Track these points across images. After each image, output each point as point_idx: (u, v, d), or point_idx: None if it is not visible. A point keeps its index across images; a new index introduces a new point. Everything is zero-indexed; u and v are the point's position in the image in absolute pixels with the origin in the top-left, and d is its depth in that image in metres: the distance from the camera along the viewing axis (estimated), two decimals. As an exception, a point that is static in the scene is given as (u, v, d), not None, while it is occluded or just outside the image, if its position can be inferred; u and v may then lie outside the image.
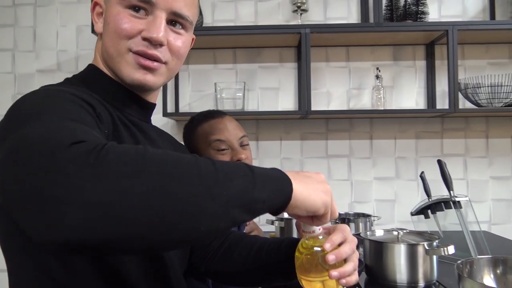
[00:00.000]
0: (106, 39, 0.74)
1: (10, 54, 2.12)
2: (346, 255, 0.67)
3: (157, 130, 0.89)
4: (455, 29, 1.80)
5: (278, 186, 0.55)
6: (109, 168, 0.45)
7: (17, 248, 0.64)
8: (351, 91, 2.08)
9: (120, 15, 0.71)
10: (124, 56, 0.72)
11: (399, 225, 1.99)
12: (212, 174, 0.49)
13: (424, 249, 1.10)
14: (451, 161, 2.01)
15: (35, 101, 0.58)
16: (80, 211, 0.42)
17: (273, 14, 2.10)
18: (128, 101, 0.78)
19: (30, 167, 0.45)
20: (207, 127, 1.21)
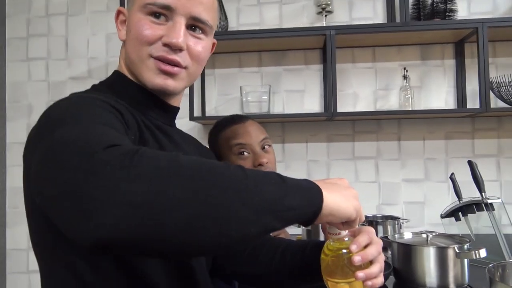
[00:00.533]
0: (129, 45, 0.76)
1: (44, 62, 2.21)
2: (372, 256, 0.67)
3: (181, 133, 0.90)
4: (485, 26, 1.75)
5: (309, 195, 0.55)
6: (142, 170, 0.46)
7: (48, 249, 0.66)
8: (378, 92, 2.05)
9: (141, 22, 0.73)
10: (145, 61, 0.74)
11: (428, 228, 1.95)
12: (243, 181, 0.49)
13: (454, 252, 1.08)
14: (483, 162, 1.96)
15: (68, 106, 0.60)
16: (113, 211, 0.44)
17: (297, 16, 2.10)
18: (152, 105, 0.80)
19: (68, 167, 0.47)
20: (228, 132, 1.23)
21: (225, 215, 0.47)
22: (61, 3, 2.21)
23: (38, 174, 0.51)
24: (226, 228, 0.47)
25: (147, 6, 0.73)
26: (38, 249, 0.69)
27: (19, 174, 2.35)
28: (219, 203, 0.47)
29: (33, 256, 2.12)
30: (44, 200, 0.50)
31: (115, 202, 0.44)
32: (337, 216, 0.59)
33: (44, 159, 0.51)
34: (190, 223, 0.45)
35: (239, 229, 0.48)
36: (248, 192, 0.49)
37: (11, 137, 2.20)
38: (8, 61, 2.22)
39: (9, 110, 2.21)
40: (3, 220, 2.17)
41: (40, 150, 0.53)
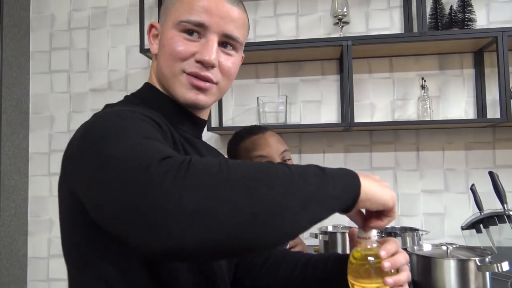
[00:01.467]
0: (161, 60, 0.78)
1: (66, 75, 2.26)
2: (401, 264, 0.68)
3: (206, 145, 0.92)
4: (505, 35, 1.73)
5: (348, 181, 0.58)
6: (199, 179, 0.48)
7: (81, 256, 0.67)
8: (396, 102, 2.04)
9: (174, 38, 0.75)
10: (178, 77, 0.76)
11: (449, 240, 1.92)
12: (289, 175, 0.52)
13: (475, 265, 1.05)
14: (505, 173, 1.92)
15: (110, 122, 0.60)
16: (179, 220, 0.46)
17: (314, 27, 2.11)
18: (182, 118, 0.81)
19: (126, 182, 0.49)
20: (248, 143, 1.24)
21: (279, 211, 0.49)
22: (83, 17, 2.27)
23: (94, 190, 0.53)
24: (281, 223, 0.50)
25: (181, 24, 0.75)
26: (70, 256, 0.70)
27: (41, 184, 2.42)
28: (272, 200, 0.49)
29: (53, 264, 2.17)
30: (104, 215, 0.52)
31: (179, 212, 0.46)
32: (373, 202, 0.61)
33: (98, 175, 0.53)
34: (250, 223, 0.48)
35: (292, 223, 0.51)
36: (296, 186, 0.52)
37: (33, 147, 2.26)
38: (31, 74, 2.29)
39: (32, 121, 2.27)
40: (25, 229, 2.22)
41: (92, 166, 0.55)
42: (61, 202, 0.68)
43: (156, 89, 0.81)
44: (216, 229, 0.47)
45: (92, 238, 0.62)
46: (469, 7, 1.89)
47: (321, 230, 1.69)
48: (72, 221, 0.66)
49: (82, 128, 0.64)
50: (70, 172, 0.63)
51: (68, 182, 0.64)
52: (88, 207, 0.57)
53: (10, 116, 2.15)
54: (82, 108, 2.23)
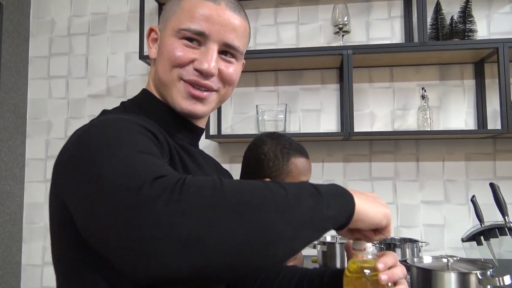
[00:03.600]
0: (159, 66, 0.76)
1: (65, 80, 2.25)
2: (398, 277, 0.66)
3: (203, 154, 0.90)
4: (506, 46, 1.73)
5: (343, 202, 0.58)
6: (193, 203, 0.47)
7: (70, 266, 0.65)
8: (396, 111, 2.03)
9: (174, 44, 0.74)
10: (175, 83, 0.75)
11: (449, 251, 1.89)
12: (284, 198, 0.51)
13: (476, 279, 1.03)
14: (506, 185, 1.90)
15: (104, 132, 0.59)
16: (173, 247, 0.45)
17: (314, 36, 2.11)
18: (178, 126, 0.79)
19: (116, 204, 0.48)
20: (299, 164, 1.23)
21: (273, 238, 0.49)
22: (83, 23, 2.27)
23: (83, 208, 0.52)
24: (274, 251, 0.49)
25: (181, 32, 0.73)
26: (59, 265, 0.68)
27: (37, 190, 2.39)
28: (266, 227, 0.48)
29: (47, 272, 2.14)
30: (95, 238, 0.51)
31: (171, 239, 0.45)
32: (365, 222, 0.60)
33: (88, 192, 0.52)
34: (242, 251, 0.47)
35: (285, 248, 0.50)
36: (291, 211, 0.51)
37: (29, 153, 2.24)
38: (30, 79, 2.28)
39: (29, 127, 2.26)
40: (19, 235, 2.19)
41: (83, 181, 0.53)
42: (52, 210, 0.67)
43: (153, 96, 0.79)
44: (208, 257, 0.46)
45: (83, 250, 0.60)
46: (470, 18, 1.89)
47: (319, 241, 1.67)
48: (62, 231, 0.64)
49: (76, 135, 0.62)
50: (61, 183, 0.61)
51: (59, 193, 0.62)
52: (77, 224, 0.56)
53: (7, 121, 2.14)
54: (80, 114, 2.21)
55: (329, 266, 1.62)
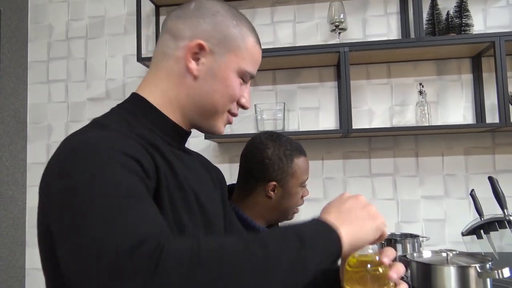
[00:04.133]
0: (212, 92, 0.79)
1: (64, 84, 2.27)
2: (402, 273, 0.68)
3: (197, 158, 0.91)
4: (502, 40, 1.73)
5: (328, 243, 0.60)
6: (170, 278, 0.49)
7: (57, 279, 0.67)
8: (394, 107, 2.03)
9: (236, 82, 0.80)
10: (223, 114, 0.82)
11: (450, 246, 1.90)
12: (264, 261, 0.53)
13: (476, 272, 1.04)
14: (505, 178, 1.90)
15: (88, 166, 0.59)
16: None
17: (311, 34, 2.11)
18: (170, 131, 0.80)
19: (97, 267, 0.50)
20: (301, 163, 1.28)
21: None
22: (81, 27, 2.28)
23: (65, 257, 0.55)
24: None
25: (245, 73, 0.80)
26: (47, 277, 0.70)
27: (39, 194, 2.38)
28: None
29: (51, 275, 2.15)
30: (73, 284, 0.54)
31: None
32: (359, 246, 0.63)
33: (71, 244, 0.54)
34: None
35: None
36: (270, 273, 0.53)
37: (31, 157, 2.25)
38: (29, 84, 2.29)
39: (29, 131, 2.27)
40: (22, 240, 2.20)
41: (66, 228, 0.55)
42: (39, 230, 0.69)
43: (147, 103, 0.78)
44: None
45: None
46: (466, 12, 1.90)
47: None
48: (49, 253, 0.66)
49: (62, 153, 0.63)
50: (46, 208, 0.63)
51: (45, 216, 0.64)
52: (59, 258, 0.58)
53: (8, 126, 2.15)
54: (80, 118, 2.22)
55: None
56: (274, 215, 1.28)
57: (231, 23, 0.79)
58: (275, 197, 1.24)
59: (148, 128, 0.75)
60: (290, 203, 1.27)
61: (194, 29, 0.77)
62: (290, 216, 1.31)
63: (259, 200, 1.24)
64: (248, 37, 0.80)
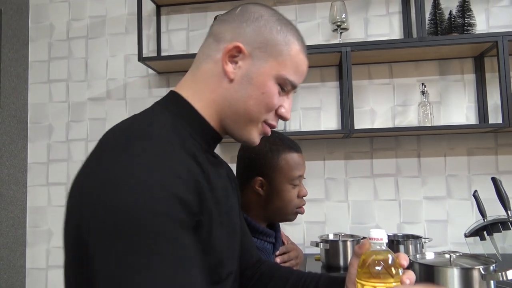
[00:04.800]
0: (247, 98, 0.75)
1: (65, 84, 2.26)
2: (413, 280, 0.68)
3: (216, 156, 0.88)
4: (505, 39, 1.72)
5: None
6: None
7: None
8: (396, 108, 2.02)
9: (274, 90, 0.75)
10: (258, 124, 0.77)
11: (452, 247, 1.89)
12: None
13: (479, 274, 1.03)
14: (508, 179, 1.89)
15: (139, 227, 0.56)
16: None
17: (313, 34, 2.10)
18: (210, 139, 0.78)
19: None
20: (291, 159, 1.22)
21: None
22: (82, 27, 2.27)
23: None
24: None
25: (284, 80, 0.75)
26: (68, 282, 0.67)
27: (40, 194, 2.39)
28: None
29: (52, 275, 2.15)
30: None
31: None
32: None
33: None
34: None
35: None
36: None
37: (32, 157, 2.25)
38: (30, 83, 2.28)
39: (30, 131, 2.26)
40: (23, 239, 2.20)
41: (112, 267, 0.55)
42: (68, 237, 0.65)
43: (193, 109, 0.76)
44: None
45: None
46: (468, 12, 1.88)
47: (322, 239, 1.67)
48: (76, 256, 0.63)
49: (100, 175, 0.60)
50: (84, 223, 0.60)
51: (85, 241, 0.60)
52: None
53: (9, 126, 2.14)
54: (81, 117, 2.22)
55: (332, 264, 1.62)
56: (268, 214, 1.23)
57: (275, 28, 0.75)
58: (264, 194, 1.21)
59: (189, 134, 0.73)
60: (280, 201, 1.21)
61: (235, 32, 0.76)
62: (290, 216, 1.25)
63: (250, 198, 1.22)
64: (293, 44, 0.76)
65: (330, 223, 2.01)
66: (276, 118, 0.78)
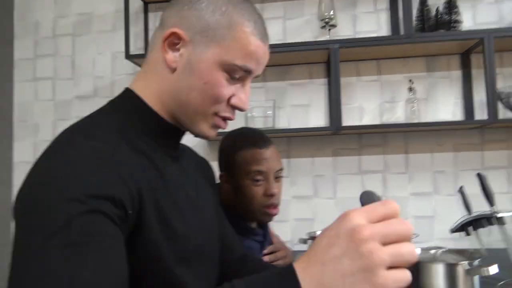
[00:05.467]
0: (189, 89, 0.70)
1: (51, 82, 2.23)
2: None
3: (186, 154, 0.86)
4: (491, 36, 1.74)
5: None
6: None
7: None
8: (384, 104, 2.03)
9: (219, 79, 0.69)
10: (208, 117, 0.71)
11: (439, 242, 1.90)
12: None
13: (464, 269, 1.04)
14: (493, 174, 1.91)
15: (53, 219, 0.53)
16: None
17: (301, 31, 2.10)
18: (164, 133, 0.75)
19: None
20: (249, 155, 1.18)
21: None
22: (68, 24, 2.25)
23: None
24: None
25: (231, 66, 0.69)
26: None
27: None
28: None
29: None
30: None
31: None
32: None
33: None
34: None
35: None
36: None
37: (18, 156, 2.22)
38: (15, 82, 2.25)
39: (16, 130, 2.23)
40: (8, 239, 2.17)
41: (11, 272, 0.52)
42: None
43: (143, 103, 0.73)
44: None
45: None
46: (455, 9, 1.90)
47: (309, 235, 1.67)
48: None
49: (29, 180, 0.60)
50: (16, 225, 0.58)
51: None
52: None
53: (-6, 125, 2.12)
54: (68, 116, 2.19)
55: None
56: (241, 212, 1.20)
57: (218, 10, 0.68)
58: (231, 190, 1.20)
59: (141, 131, 0.70)
60: (244, 198, 1.18)
61: (177, 16, 0.70)
62: (258, 215, 1.20)
63: (226, 194, 1.22)
64: (240, 26, 0.68)
65: (318, 220, 2.01)
66: (230, 109, 0.72)
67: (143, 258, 0.63)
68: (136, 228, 0.62)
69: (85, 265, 0.50)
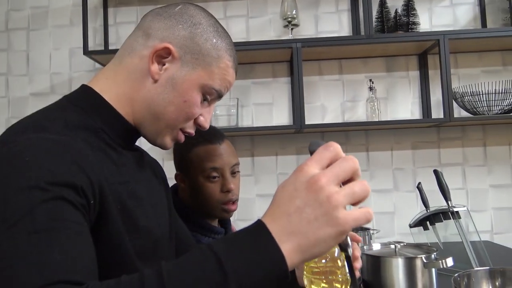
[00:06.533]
0: (171, 107, 0.74)
1: (4, 78, 2.13)
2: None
3: (137, 149, 0.87)
4: (446, 38, 1.80)
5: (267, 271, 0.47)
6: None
7: None
8: (346, 103, 2.07)
9: (196, 99, 0.75)
10: (174, 131, 0.78)
11: (399, 237, 1.96)
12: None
13: (422, 262, 1.07)
14: (449, 171, 1.99)
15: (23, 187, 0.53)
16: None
17: (264, 30, 2.11)
18: (123, 131, 0.76)
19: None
20: (202, 152, 1.16)
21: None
22: (22, 17, 2.15)
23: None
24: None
25: (211, 90, 0.76)
26: None
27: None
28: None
29: None
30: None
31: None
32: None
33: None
34: None
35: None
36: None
37: (-32, 156, 2.10)
38: (-35, 77, 2.13)
39: (-34, 128, 2.12)
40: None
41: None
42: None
43: (101, 99, 0.73)
44: None
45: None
46: (413, 11, 1.96)
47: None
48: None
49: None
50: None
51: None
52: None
53: None
54: (22, 114, 2.08)
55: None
56: (199, 210, 1.19)
57: (210, 40, 0.75)
58: (188, 189, 1.19)
59: (98, 127, 0.71)
60: (201, 196, 1.16)
61: (169, 32, 0.74)
62: (217, 213, 1.18)
63: (180, 194, 1.21)
64: (224, 59, 0.76)
65: (282, 217, 2.02)
66: (193, 126, 0.79)
67: (106, 250, 0.63)
68: (99, 219, 0.63)
69: (54, 249, 0.50)
